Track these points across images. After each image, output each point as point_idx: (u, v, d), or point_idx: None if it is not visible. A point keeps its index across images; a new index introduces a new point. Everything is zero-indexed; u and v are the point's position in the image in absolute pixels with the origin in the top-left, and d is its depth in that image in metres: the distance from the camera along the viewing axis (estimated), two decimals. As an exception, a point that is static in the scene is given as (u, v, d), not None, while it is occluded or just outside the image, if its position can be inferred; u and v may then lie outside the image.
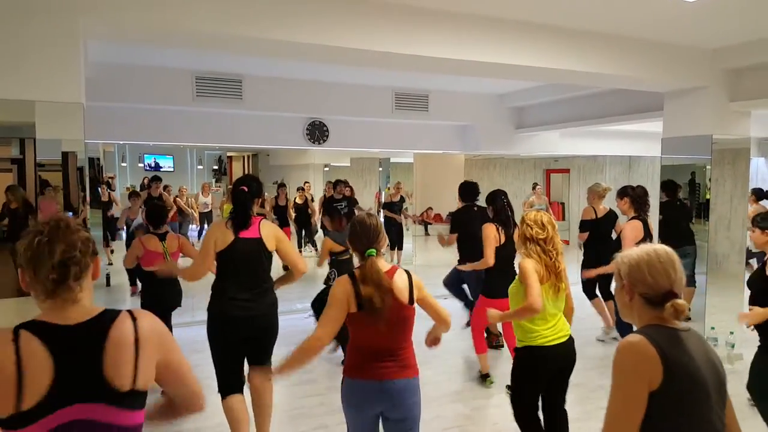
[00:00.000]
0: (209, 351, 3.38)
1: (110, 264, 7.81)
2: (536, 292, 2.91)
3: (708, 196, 5.52)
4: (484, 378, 4.80)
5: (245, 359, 3.49)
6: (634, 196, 4.69)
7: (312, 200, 10.37)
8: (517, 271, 3.10)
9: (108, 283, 7.77)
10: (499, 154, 11.39)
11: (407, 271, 2.55)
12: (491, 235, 4.48)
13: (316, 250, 10.40)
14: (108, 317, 1.46)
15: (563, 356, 3.05)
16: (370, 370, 2.46)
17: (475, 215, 5.40)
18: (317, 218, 9.86)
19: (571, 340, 3.08)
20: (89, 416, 1.38)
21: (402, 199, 9.65)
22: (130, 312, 1.50)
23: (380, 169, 11.31)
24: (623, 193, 4.76)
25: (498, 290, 4.17)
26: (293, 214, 9.78)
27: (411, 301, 2.48)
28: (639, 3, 3.82)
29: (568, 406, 3.22)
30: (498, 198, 4.67)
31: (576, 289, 3.86)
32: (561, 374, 3.11)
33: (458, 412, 4.31)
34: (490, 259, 4.46)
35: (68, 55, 3.21)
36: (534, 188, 11.44)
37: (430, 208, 11.92)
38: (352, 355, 2.54)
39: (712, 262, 5.37)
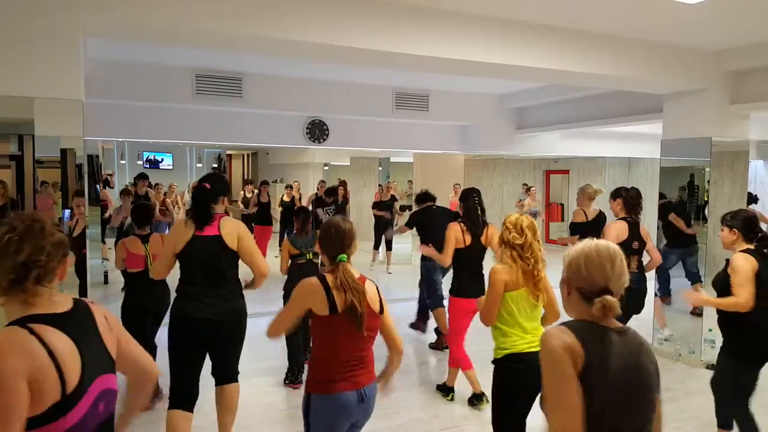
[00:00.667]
0: None
1: (106, 259, 7.77)
2: (488, 307, 2.87)
3: (707, 198, 5.52)
4: (446, 390, 4.51)
5: (204, 368, 3.31)
6: (627, 198, 4.63)
7: (300, 199, 10.29)
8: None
9: (106, 281, 7.77)
10: (499, 155, 11.41)
11: (374, 282, 2.51)
12: (452, 235, 4.27)
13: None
14: (84, 304, 1.57)
15: (537, 367, 2.85)
16: (346, 380, 2.36)
17: (435, 215, 5.64)
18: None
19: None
20: (108, 386, 1.52)
21: (393, 198, 9.63)
22: (85, 300, 1.60)
23: (380, 168, 11.31)
24: (616, 194, 4.71)
25: (467, 290, 4.15)
26: (279, 212, 9.69)
27: (381, 310, 2.44)
28: (641, 5, 3.82)
29: None
30: (470, 197, 4.45)
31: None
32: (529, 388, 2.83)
33: (456, 413, 4.31)
34: (446, 258, 4.30)
35: (68, 52, 3.21)
36: (528, 190, 11.42)
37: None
38: (321, 367, 2.39)
39: (710, 264, 5.37)
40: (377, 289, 2.49)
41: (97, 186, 6.02)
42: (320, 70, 6.05)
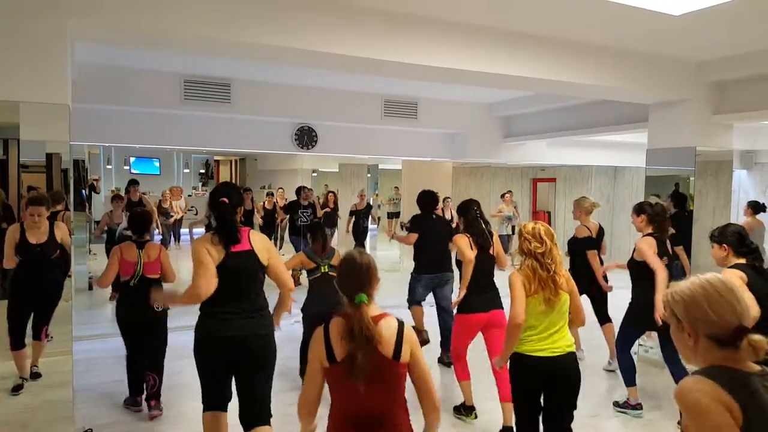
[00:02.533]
0: (192, 358, 3.13)
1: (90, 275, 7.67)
2: (517, 306, 2.87)
3: (691, 207, 5.59)
4: (467, 411, 4.27)
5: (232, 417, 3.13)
6: (652, 214, 4.54)
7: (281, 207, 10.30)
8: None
9: (90, 287, 7.67)
10: (487, 163, 11.43)
11: (400, 321, 2.11)
12: (462, 243, 4.13)
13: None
14: None
15: (557, 370, 2.90)
16: None
17: (435, 223, 5.44)
18: (279, 221, 9.83)
19: (570, 355, 2.94)
20: None
21: (369, 206, 9.75)
22: None
23: (369, 175, 11.32)
24: (640, 209, 4.48)
25: (474, 305, 4.05)
26: (260, 219, 9.68)
27: (397, 356, 2.03)
28: (626, 16, 3.88)
29: None
30: (470, 209, 4.27)
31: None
32: (559, 391, 2.96)
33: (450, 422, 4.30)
34: (469, 260, 4.08)
35: (55, 56, 3.18)
36: (503, 195, 11.42)
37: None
38: (332, 424, 2.13)
39: (694, 273, 5.41)
40: (401, 329, 2.08)
41: (83, 191, 5.97)
42: (309, 77, 6.05)
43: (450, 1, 3.76)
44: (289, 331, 5.57)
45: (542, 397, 3.02)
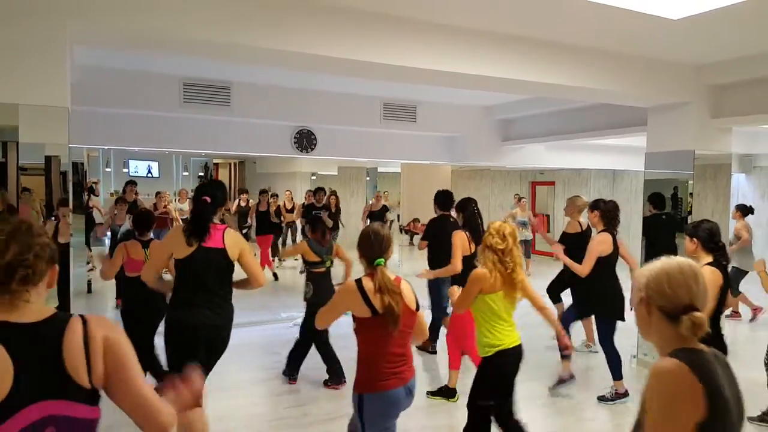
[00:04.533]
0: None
1: (91, 270, 7.68)
2: (463, 299, 3.16)
3: (689, 210, 5.59)
4: (450, 393, 4.60)
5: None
6: (605, 210, 4.72)
7: (277, 209, 10.37)
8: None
9: (89, 290, 7.66)
10: (486, 166, 11.46)
11: (408, 282, 2.66)
12: (459, 243, 4.43)
13: (279, 260, 10.40)
14: (61, 318, 1.43)
15: (518, 359, 3.17)
16: (395, 377, 2.55)
17: (451, 226, 5.36)
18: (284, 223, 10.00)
19: (521, 345, 3.21)
20: (57, 413, 1.36)
21: (385, 207, 10.03)
22: (81, 316, 1.47)
23: (368, 178, 11.34)
24: (595, 206, 4.80)
25: None
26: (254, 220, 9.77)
27: (417, 307, 2.64)
28: (625, 20, 3.89)
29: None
30: (468, 206, 4.59)
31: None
32: (515, 375, 3.22)
33: (441, 423, 4.30)
34: (457, 265, 4.41)
35: (55, 58, 3.18)
36: (519, 200, 11.50)
37: (417, 219, 11.95)
38: (368, 368, 2.58)
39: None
40: (412, 288, 2.67)
41: (83, 194, 5.97)
42: (308, 80, 6.06)
43: (450, 6, 3.76)
44: (282, 335, 5.57)
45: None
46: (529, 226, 10.30)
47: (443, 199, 5.60)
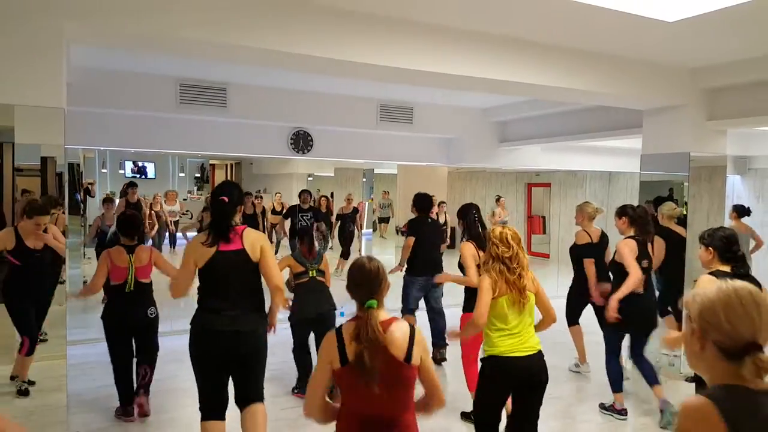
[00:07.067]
0: (188, 361, 3.22)
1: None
2: (482, 308, 2.97)
3: (685, 212, 5.61)
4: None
5: (231, 386, 3.26)
6: (634, 217, 4.47)
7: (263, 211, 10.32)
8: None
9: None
10: (482, 167, 11.48)
11: (411, 326, 2.18)
12: (468, 253, 4.21)
13: None
14: None
15: (528, 370, 2.97)
16: None
17: (428, 226, 5.60)
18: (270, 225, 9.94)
19: (539, 354, 3.02)
20: None
21: (355, 210, 10.05)
22: None
23: (364, 179, 11.32)
24: (622, 212, 4.52)
25: None
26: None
27: (408, 358, 2.10)
28: (621, 22, 3.90)
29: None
30: (469, 213, 4.44)
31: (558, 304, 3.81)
32: (528, 390, 3.02)
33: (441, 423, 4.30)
34: (474, 277, 4.23)
35: (51, 59, 3.18)
36: (498, 200, 11.52)
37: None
38: (342, 426, 2.17)
39: (688, 278, 5.44)
40: (412, 332, 2.15)
41: (77, 195, 5.94)
42: (305, 81, 6.06)
43: (447, 8, 3.77)
44: (281, 335, 5.53)
45: (509, 405, 3.09)
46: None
47: (421, 202, 5.78)
